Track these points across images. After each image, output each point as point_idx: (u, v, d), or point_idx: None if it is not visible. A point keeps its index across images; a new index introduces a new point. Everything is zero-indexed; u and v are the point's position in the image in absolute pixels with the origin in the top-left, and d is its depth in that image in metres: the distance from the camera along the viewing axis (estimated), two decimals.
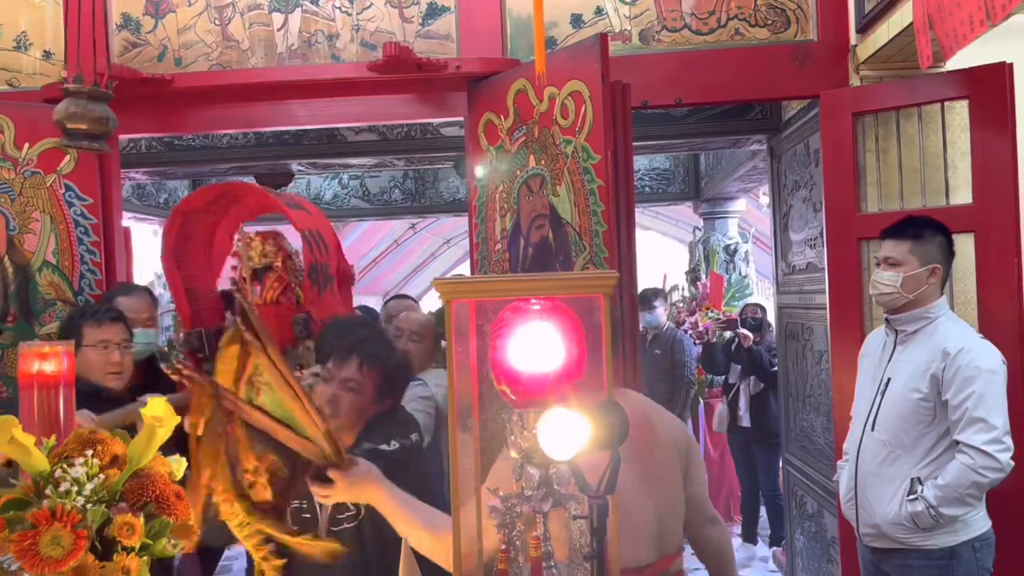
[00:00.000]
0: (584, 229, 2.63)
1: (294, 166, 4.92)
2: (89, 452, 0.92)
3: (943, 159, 2.87)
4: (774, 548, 5.23)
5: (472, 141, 3.14)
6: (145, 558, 0.91)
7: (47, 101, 3.16)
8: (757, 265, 7.40)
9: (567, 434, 1.13)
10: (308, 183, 6.65)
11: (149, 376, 2.68)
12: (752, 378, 5.38)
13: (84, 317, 2.50)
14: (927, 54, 2.01)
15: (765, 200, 7.21)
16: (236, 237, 2.83)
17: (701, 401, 5.88)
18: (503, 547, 1.29)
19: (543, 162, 2.79)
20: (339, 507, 1.87)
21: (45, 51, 3.26)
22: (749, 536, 5.44)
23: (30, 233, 3.11)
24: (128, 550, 0.88)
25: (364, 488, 1.61)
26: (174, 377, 1.32)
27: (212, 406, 1.28)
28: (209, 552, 3.54)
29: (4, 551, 0.85)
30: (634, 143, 2.87)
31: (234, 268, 2.85)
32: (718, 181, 6.31)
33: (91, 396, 2.29)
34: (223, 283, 3.01)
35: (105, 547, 0.88)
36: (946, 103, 2.84)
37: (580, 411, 1.12)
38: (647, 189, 6.76)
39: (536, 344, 1.23)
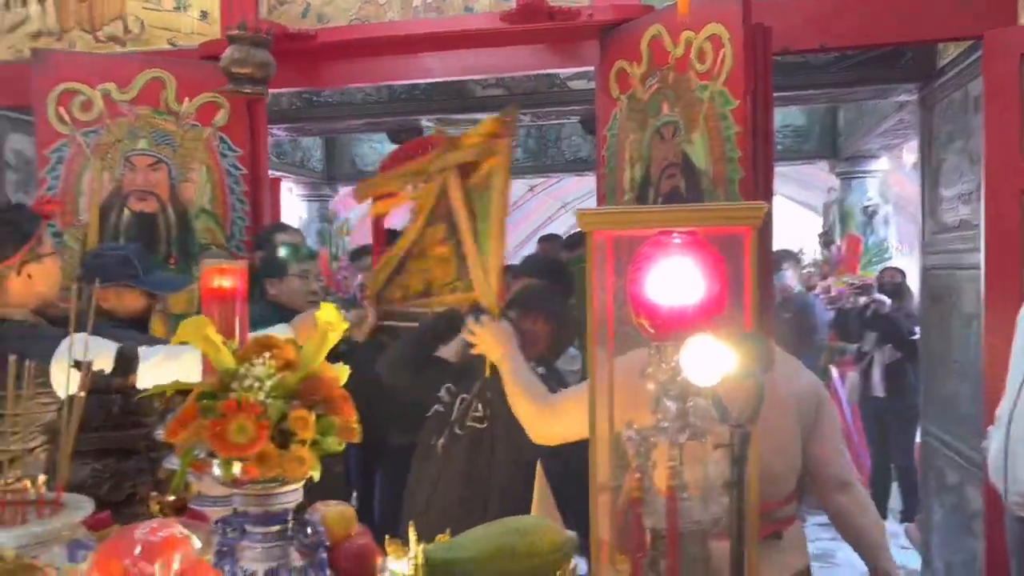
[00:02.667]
0: (719, 177, 2.56)
1: (424, 121, 5.04)
2: (267, 354, 1.01)
3: None
4: (906, 524, 5.00)
5: (603, 90, 3.10)
6: (315, 452, 0.99)
7: (204, 58, 3.38)
8: (897, 230, 6.96)
9: (710, 361, 1.13)
10: None
11: None
12: (888, 347, 5.12)
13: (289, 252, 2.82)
14: None
15: (910, 159, 6.75)
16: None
17: (834, 370, 5.64)
18: (637, 475, 1.31)
19: (677, 109, 2.73)
20: (473, 406, 2.18)
21: (202, 11, 3.47)
22: (879, 512, 5.21)
23: (188, 182, 3.36)
24: (302, 442, 0.97)
25: (501, 343, 1.91)
26: None
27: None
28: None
29: (199, 436, 0.96)
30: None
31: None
32: (858, 137, 5.95)
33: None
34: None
35: (283, 438, 0.97)
36: None
37: (723, 339, 1.12)
38: (780, 146, 6.45)
39: (676, 278, 1.22)
